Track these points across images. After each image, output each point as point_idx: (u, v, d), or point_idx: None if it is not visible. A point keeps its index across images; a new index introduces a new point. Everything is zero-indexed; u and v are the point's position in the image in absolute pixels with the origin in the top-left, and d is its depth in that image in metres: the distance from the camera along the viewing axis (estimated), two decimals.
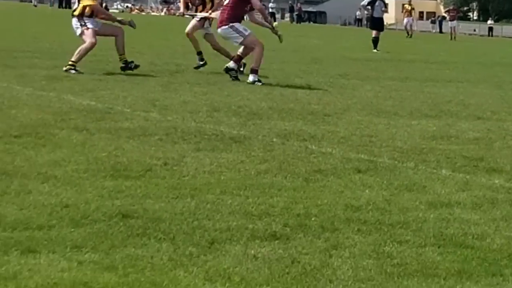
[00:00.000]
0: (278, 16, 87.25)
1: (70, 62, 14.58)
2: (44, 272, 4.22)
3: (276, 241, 4.98)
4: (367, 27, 49.29)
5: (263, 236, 5.06)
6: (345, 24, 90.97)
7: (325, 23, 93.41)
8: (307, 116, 10.60)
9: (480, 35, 76.53)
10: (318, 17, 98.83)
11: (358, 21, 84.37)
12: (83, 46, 14.70)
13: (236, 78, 14.58)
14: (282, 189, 6.36)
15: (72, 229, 4.98)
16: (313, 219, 5.52)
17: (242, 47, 14.74)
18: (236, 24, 14.52)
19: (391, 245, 5.02)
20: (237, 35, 14.51)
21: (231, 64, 14.76)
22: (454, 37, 51.42)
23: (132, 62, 15.16)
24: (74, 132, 8.38)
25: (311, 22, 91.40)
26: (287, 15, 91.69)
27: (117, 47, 15.15)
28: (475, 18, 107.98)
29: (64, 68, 14.48)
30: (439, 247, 5.04)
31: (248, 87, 13.77)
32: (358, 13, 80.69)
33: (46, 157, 7.06)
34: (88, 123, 8.95)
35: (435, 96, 14.19)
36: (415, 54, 29.28)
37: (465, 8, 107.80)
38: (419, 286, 4.32)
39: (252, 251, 4.74)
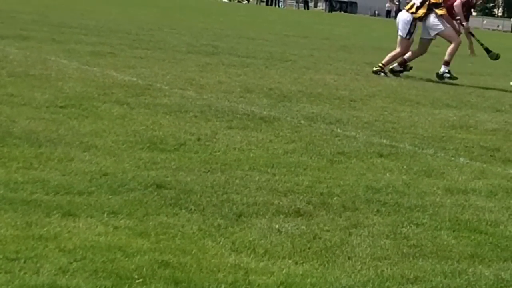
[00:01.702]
0: (311, 4, 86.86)
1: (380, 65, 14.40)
2: (82, 235, 4.25)
3: (300, 217, 4.99)
4: (395, 18, 49.08)
5: (288, 212, 5.07)
6: (374, 15, 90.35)
7: (355, 13, 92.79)
8: (334, 101, 10.56)
9: (504, 31, 75.67)
10: (349, 7, 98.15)
11: (388, 13, 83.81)
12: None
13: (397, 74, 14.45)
14: (307, 169, 6.36)
15: (110, 196, 5.01)
16: (335, 198, 5.52)
17: (410, 53, 14.63)
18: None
19: (408, 227, 5.00)
20: (440, 24, 14.35)
21: (396, 67, 14.64)
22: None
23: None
24: (115, 105, 8.41)
25: (342, 12, 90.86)
26: (320, 4, 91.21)
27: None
28: (499, 14, 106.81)
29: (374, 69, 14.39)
30: (454, 231, 5.01)
31: (279, 71, 13.75)
32: (387, 4, 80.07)
33: (88, 127, 7.10)
34: (129, 98, 8.98)
35: (457, 88, 14.09)
36: (438, 46, 29.02)
37: (491, 4, 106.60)
38: (433, 267, 4.30)
39: (277, 226, 4.75)
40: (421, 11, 14.40)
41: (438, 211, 5.45)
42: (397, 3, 30.93)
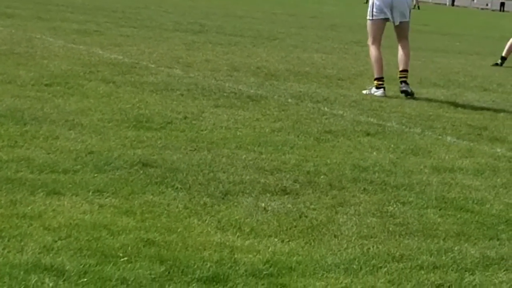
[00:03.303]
0: None
1: None
2: (67, 213, 4.24)
3: (286, 196, 4.99)
4: None
5: (274, 191, 5.07)
6: None
7: None
8: (322, 80, 10.56)
9: (492, 10, 75.76)
10: None
11: None
12: None
13: None
14: (294, 147, 6.36)
15: (95, 175, 5.00)
16: (321, 176, 5.52)
17: None
18: None
19: (394, 205, 5.01)
20: None
21: None
22: (418, 6, 50.83)
23: None
24: (101, 83, 8.38)
25: None
26: None
27: None
28: None
29: None
30: (440, 210, 5.03)
31: (267, 50, 13.71)
32: None
33: (73, 105, 7.07)
34: (115, 76, 8.95)
35: (445, 67, 14.10)
36: (427, 25, 29.05)
37: None
38: (419, 245, 4.31)
39: (263, 204, 4.75)
40: None
41: (424, 190, 5.46)
42: None
